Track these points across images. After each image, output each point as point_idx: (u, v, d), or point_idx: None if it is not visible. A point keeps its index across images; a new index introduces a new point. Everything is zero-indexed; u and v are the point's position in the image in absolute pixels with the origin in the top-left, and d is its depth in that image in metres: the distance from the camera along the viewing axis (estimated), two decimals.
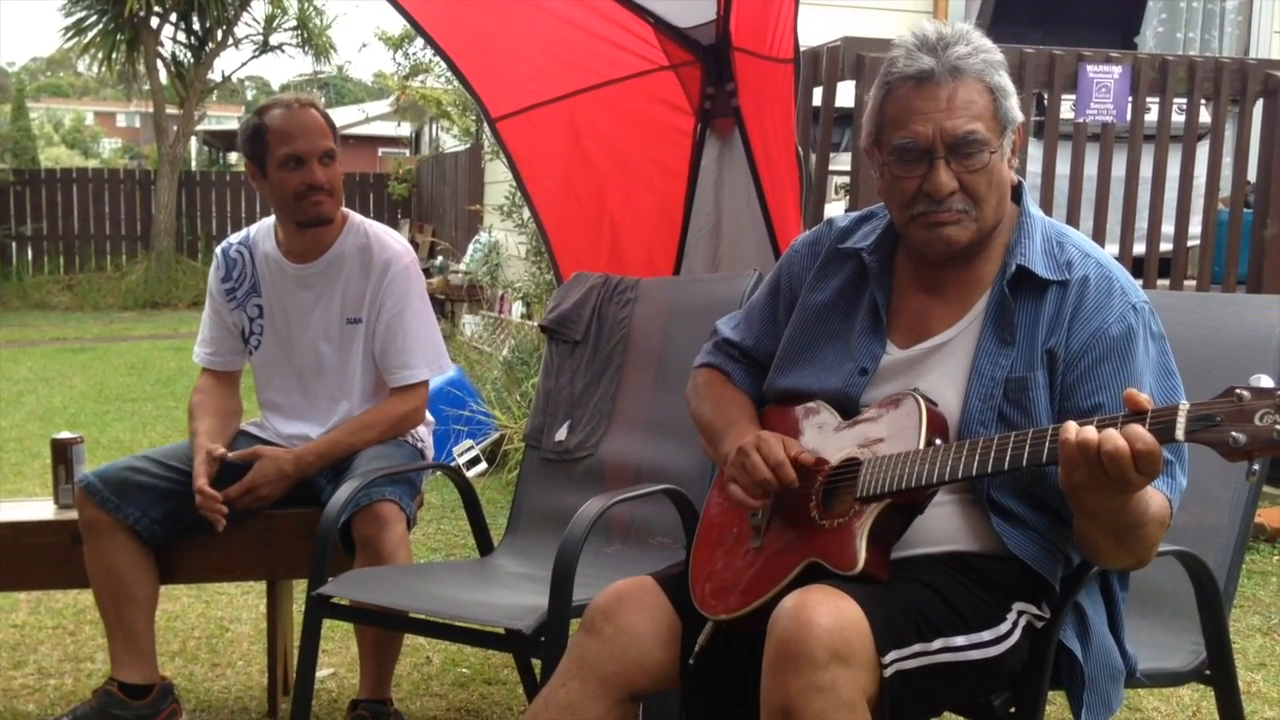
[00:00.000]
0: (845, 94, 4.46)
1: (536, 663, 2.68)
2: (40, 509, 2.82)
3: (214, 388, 2.88)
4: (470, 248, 10.40)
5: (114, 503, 2.58)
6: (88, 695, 2.73)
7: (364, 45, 49.89)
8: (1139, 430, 1.43)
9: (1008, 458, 1.55)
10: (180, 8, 14.50)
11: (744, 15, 3.12)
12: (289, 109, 2.71)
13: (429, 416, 2.88)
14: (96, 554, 2.60)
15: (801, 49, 2.90)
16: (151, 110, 15.54)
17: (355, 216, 2.84)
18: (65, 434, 2.83)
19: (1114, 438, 1.44)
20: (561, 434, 2.86)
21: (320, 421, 2.80)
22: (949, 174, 1.70)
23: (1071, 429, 1.47)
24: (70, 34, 14.74)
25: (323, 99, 3.01)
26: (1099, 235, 4.54)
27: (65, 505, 2.74)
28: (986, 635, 1.65)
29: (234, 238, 2.93)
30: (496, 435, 5.47)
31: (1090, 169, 4.58)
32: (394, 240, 2.84)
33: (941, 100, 1.69)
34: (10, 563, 2.66)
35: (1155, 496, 1.60)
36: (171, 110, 15.00)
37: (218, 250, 2.92)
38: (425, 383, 2.79)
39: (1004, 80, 1.74)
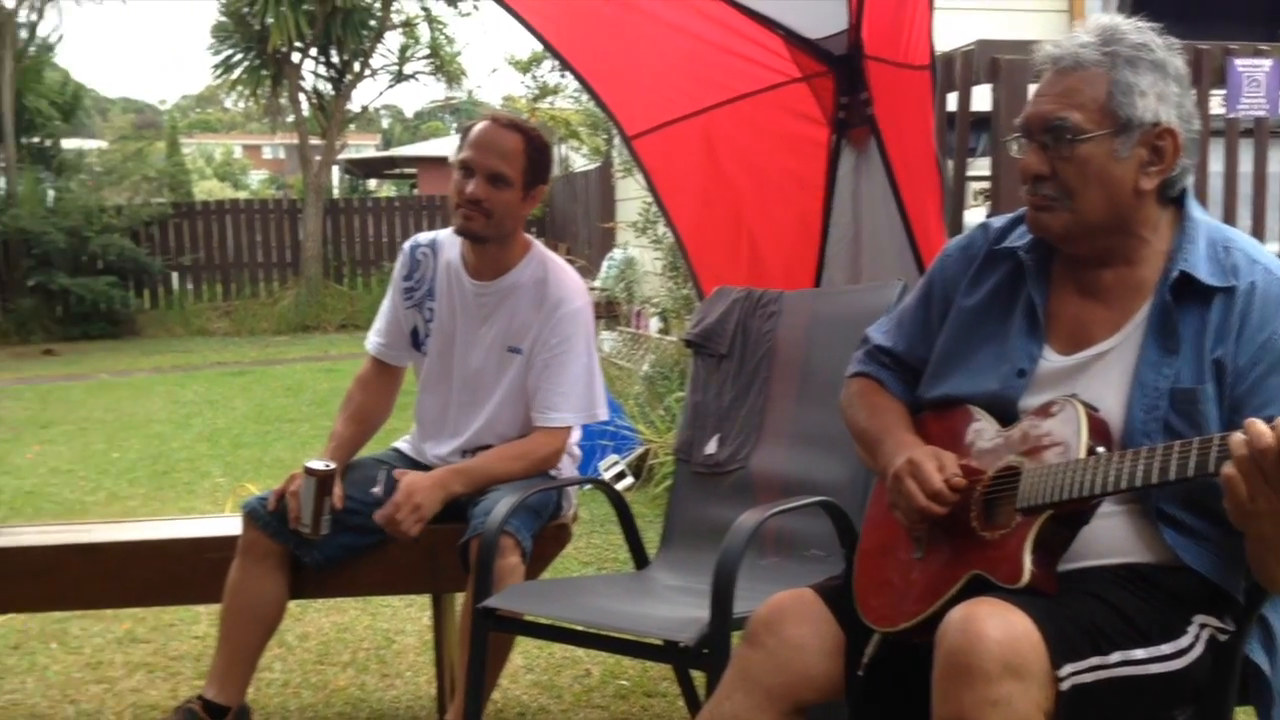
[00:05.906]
0: (981, 98, 4.39)
1: (695, 674, 2.72)
2: (220, 525, 2.96)
3: (372, 379, 2.94)
4: (604, 264, 10.55)
5: (275, 526, 2.68)
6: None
7: (494, 70, 51.03)
8: None
9: (1173, 465, 1.50)
10: (320, 42, 15.05)
11: (876, 23, 3.12)
12: (489, 122, 2.75)
13: (575, 450, 2.87)
14: (243, 572, 2.69)
15: (935, 54, 2.89)
16: (296, 142, 16.19)
17: (539, 247, 2.86)
18: (318, 464, 2.65)
19: (1265, 434, 1.40)
20: (711, 447, 2.90)
21: (452, 436, 2.83)
22: (1038, 157, 1.74)
23: (1238, 435, 1.42)
24: (219, 71, 15.46)
25: (454, 124, 3.09)
26: (1258, 234, 4.37)
27: (325, 535, 2.67)
28: (1166, 649, 1.60)
29: (422, 237, 2.94)
30: (641, 450, 5.53)
31: (1245, 166, 4.42)
32: (571, 279, 2.83)
33: (1052, 87, 1.74)
34: (193, 578, 2.82)
35: None
36: (314, 141, 15.57)
37: (406, 245, 2.94)
38: (569, 427, 2.77)
39: (1136, 78, 1.69)
